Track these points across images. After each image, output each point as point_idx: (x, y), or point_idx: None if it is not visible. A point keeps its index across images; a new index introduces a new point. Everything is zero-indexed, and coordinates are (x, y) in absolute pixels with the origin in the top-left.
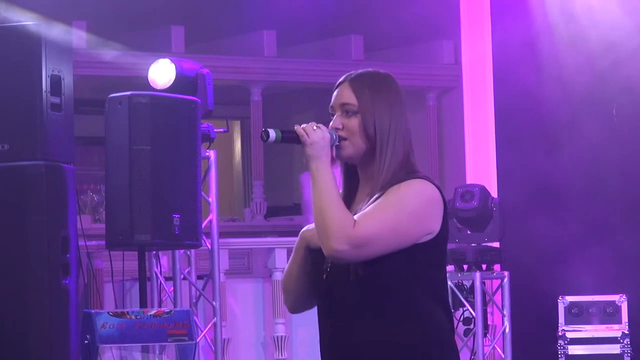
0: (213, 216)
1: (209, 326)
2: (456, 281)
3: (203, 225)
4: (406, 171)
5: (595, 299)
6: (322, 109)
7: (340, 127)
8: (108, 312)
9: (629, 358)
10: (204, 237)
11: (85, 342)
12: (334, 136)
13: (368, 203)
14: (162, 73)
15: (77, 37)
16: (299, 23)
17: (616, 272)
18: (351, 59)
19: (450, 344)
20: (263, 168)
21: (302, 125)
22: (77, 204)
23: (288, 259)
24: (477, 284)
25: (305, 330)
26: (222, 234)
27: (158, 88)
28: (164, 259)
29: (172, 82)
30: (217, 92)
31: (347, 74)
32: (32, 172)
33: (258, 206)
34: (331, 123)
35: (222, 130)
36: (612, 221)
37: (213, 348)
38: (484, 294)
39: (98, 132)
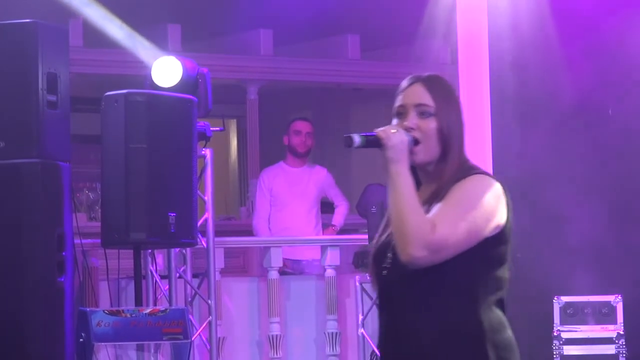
0: (209, 215)
1: (204, 325)
2: None
3: (199, 223)
4: (466, 166)
5: (590, 300)
6: (318, 107)
7: (415, 127)
8: (103, 311)
9: (624, 358)
10: (199, 235)
11: (81, 340)
12: (410, 138)
13: (433, 205)
14: (168, 72)
15: (74, 35)
16: (296, 22)
17: (612, 272)
18: (347, 58)
19: (506, 341)
20: (259, 167)
21: (381, 128)
22: (73, 202)
23: (283, 258)
24: None
25: (299, 329)
26: (217, 233)
27: (162, 87)
28: (160, 258)
29: (178, 81)
30: (214, 90)
31: (413, 75)
32: (28, 170)
33: (253, 205)
34: (405, 122)
35: (218, 128)
36: (608, 221)
37: (208, 347)
38: None
39: (94, 130)
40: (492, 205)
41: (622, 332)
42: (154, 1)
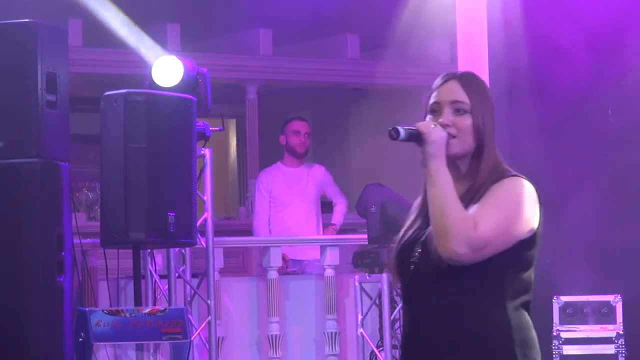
0: (208, 214)
1: (203, 324)
2: None
3: (198, 223)
4: (500, 168)
5: (590, 299)
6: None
7: (450, 124)
8: (102, 310)
9: (624, 358)
10: (198, 235)
11: (80, 340)
12: (446, 134)
13: (470, 204)
14: (168, 72)
15: (73, 34)
16: (295, 21)
17: (611, 272)
18: (347, 58)
19: (531, 341)
20: (258, 166)
21: (421, 123)
22: (72, 202)
23: (282, 258)
24: None
25: (299, 329)
26: (217, 233)
27: (163, 86)
28: (159, 257)
29: (179, 81)
30: (213, 90)
31: (447, 73)
32: (27, 170)
33: (253, 205)
34: (440, 119)
35: (217, 128)
36: (608, 220)
37: (207, 346)
38: None
39: (93, 130)
40: (528, 209)
41: (621, 332)
42: (154, 1)
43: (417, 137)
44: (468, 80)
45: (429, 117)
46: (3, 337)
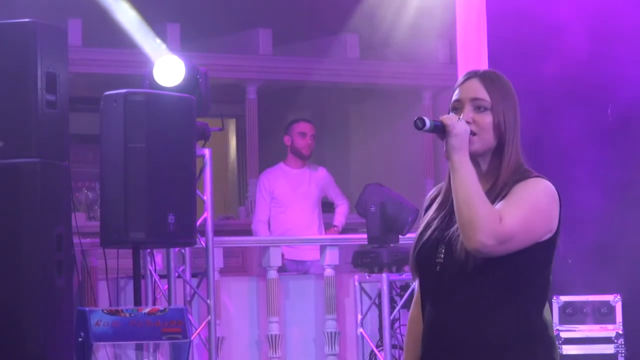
0: (208, 214)
1: (203, 324)
2: None
3: (198, 223)
4: (523, 169)
5: (589, 299)
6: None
7: (471, 121)
8: (102, 310)
9: (623, 358)
10: (198, 235)
11: (80, 339)
12: (469, 128)
13: (493, 201)
14: (170, 71)
15: (73, 34)
16: (295, 21)
17: (611, 272)
18: (346, 58)
19: (552, 340)
20: (258, 166)
21: (446, 116)
22: (72, 202)
23: (282, 257)
24: None
25: (298, 328)
26: (216, 232)
27: (164, 86)
28: (159, 257)
29: (181, 80)
30: (213, 90)
31: (470, 71)
32: (27, 170)
33: (253, 204)
34: (461, 116)
35: (217, 128)
36: (606, 220)
37: (207, 346)
38: None
39: (93, 130)
40: (551, 211)
41: (621, 332)
42: (154, 1)
43: (441, 129)
44: (490, 78)
45: (451, 114)
46: (3, 337)
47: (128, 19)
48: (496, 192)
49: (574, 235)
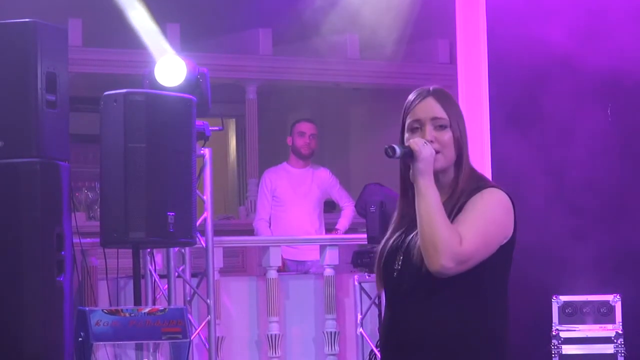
0: (208, 214)
1: (203, 324)
2: None
3: (197, 223)
4: (476, 175)
5: (589, 299)
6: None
7: (434, 140)
8: (102, 310)
9: (623, 358)
10: (198, 235)
11: (80, 339)
12: (434, 151)
13: (452, 216)
14: (171, 71)
15: (73, 34)
16: (295, 21)
17: (610, 271)
18: (347, 58)
19: (501, 343)
20: (258, 166)
21: (412, 141)
22: (72, 202)
23: (282, 257)
24: None
25: (298, 328)
26: (216, 232)
27: (165, 86)
28: (159, 257)
29: (182, 80)
30: (213, 90)
31: (420, 90)
32: (27, 169)
33: (253, 204)
34: (426, 135)
35: (217, 128)
36: (606, 220)
37: (207, 346)
38: None
39: (93, 130)
40: (505, 220)
41: (620, 332)
42: (154, 1)
43: (410, 155)
44: (443, 95)
45: (408, 134)
46: (3, 337)
47: (136, 16)
48: (454, 201)
49: (575, 235)
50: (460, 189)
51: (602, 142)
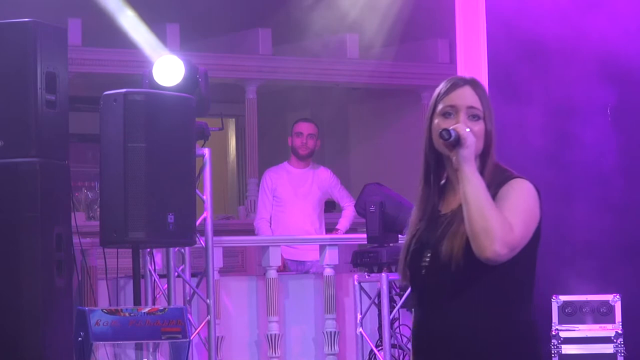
0: (207, 214)
1: (202, 324)
2: None
3: (197, 223)
4: (500, 168)
5: (589, 299)
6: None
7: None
8: (102, 310)
9: (623, 358)
10: (198, 234)
11: (79, 339)
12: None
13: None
14: (170, 71)
15: (73, 34)
16: (295, 21)
17: (610, 271)
18: (346, 57)
19: (533, 337)
20: (257, 166)
21: (457, 126)
22: (72, 201)
23: (281, 257)
24: None
25: (298, 328)
26: (216, 232)
27: (164, 86)
28: (158, 257)
29: (180, 80)
30: (212, 89)
31: (456, 78)
32: (26, 169)
33: (252, 204)
34: (457, 124)
35: (216, 128)
36: (606, 220)
37: (206, 346)
38: None
39: (93, 129)
40: (536, 209)
41: (620, 332)
42: (153, 1)
43: (457, 141)
44: (479, 87)
45: (438, 119)
46: (3, 337)
47: (128, 20)
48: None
49: (574, 234)
50: (486, 181)
51: (603, 140)
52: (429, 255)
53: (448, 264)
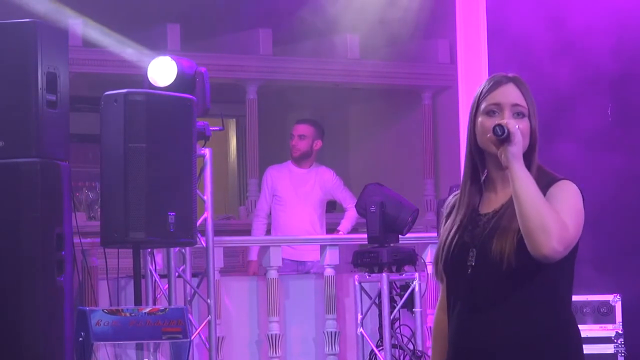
0: (208, 214)
1: (203, 324)
2: None
3: (198, 223)
4: (542, 169)
5: (589, 299)
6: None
7: None
8: (102, 310)
9: (623, 358)
10: (198, 235)
11: (80, 339)
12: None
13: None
14: (163, 71)
15: (73, 34)
16: (295, 21)
17: (610, 271)
18: (346, 58)
19: (577, 332)
20: (258, 166)
21: (507, 122)
22: (72, 201)
23: (282, 257)
24: None
25: (299, 328)
26: (217, 232)
27: (158, 86)
28: (159, 257)
29: (173, 80)
30: (213, 90)
31: (500, 75)
32: (27, 169)
33: (253, 204)
34: (505, 120)
35: (217, 128)
36: (605, 220)
37: (207, 346)
38: None
39: (93, 130)
40: (583, 211)
41: (620, 332)
42: (153, 1)
43: (508, 137)
44: (523, 84)
45: (481, 118)
46: (3, 337)
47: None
48: None
49: None
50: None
51: (602, 140)
52: (474, 254)
53: (498, 263)
